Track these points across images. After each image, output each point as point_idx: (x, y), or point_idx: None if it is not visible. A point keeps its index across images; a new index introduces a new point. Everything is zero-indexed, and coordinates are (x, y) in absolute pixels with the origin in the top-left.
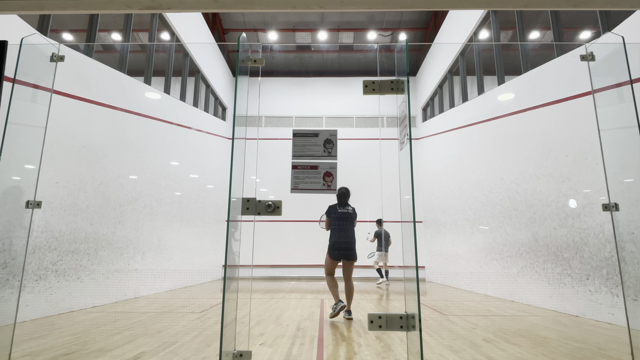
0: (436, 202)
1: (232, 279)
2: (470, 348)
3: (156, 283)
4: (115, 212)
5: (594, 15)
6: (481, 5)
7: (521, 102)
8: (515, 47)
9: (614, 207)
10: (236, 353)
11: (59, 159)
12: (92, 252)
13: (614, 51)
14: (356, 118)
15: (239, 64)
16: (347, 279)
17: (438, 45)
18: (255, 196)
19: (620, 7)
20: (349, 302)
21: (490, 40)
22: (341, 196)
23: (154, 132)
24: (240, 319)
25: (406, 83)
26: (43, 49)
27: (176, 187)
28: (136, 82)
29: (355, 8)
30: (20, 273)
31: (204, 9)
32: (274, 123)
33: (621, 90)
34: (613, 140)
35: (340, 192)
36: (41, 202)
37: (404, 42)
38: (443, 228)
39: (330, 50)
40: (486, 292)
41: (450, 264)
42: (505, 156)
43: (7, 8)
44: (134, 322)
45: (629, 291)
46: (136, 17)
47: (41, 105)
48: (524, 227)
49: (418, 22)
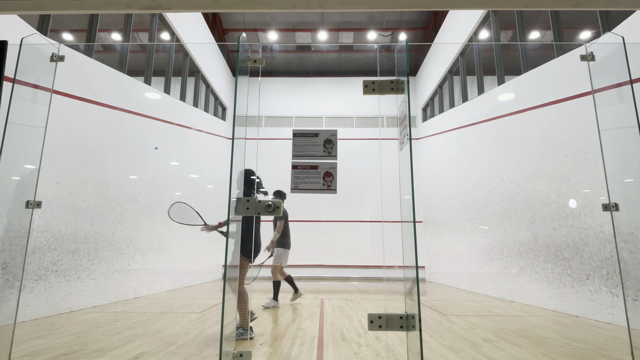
0: (436, 202)
1: (232, 279)
2: (470, 348)
3: (156, 283)
4: (115, 212)
5: (594, 15)
6: (481, 5)
7: (521, 102)
8: (515, 47)
9: (614, 207)
10: (236, 353)
11: (59, 159)
12: (92, 252)
13: (614, 51)
14: (356, 118)
15: (239, 64)
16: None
17: (438, 45)
18: (255, 196)
19: (620, 7)
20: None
21: (490, 40)
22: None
23: (154, 132)
24: None
25: (406, 83)
26: (43, 49)
27: (176, 187)
28: (136, 82)
29: (355, 8)
30: (20, 273)
31: (204, 9)
32: (274, 123)
33: (621, 90)
34: (613, 140)
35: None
36: (41, 202)
37: (404, 42)
38: (443, 228)
39: (330, 50)
40: (486, 292)
41: (450, 264)
42: (505, 156)
43: (7, 8)
44: (134, 322)
45: (629, 291)
46: (136, 17)
47: (41, 105)
48: (524, 227)
49: (418, 22)
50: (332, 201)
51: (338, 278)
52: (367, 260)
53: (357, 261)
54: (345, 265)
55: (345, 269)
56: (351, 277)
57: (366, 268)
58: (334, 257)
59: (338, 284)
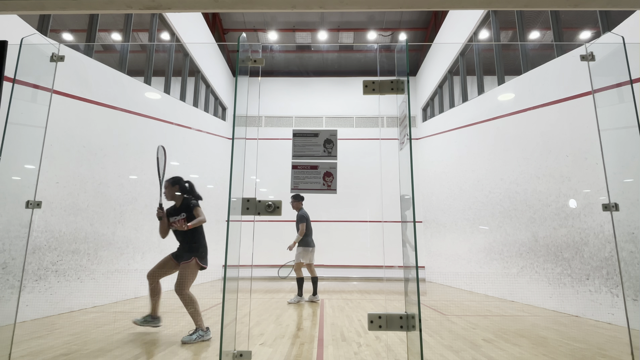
0: (436, 202)
1: (232, 279)
2: (470, 348)
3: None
4: (115, 212)
5: (594, 15)
6: (481, 5)
7: (521, 102)
8: (515, 47)
9: (614, 207)
10: (236, 353)
11: (59, 159)
12: (92, 252)
13: (614, 51)
14: (356, 118)
15: (239, 64)
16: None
17: (438, 45)
18: (255, 196)
19: (620, 7)
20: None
21: (490, 40)
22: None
23: (154, 132)
24: (240, 319)
25: (406, 83)
26: (43, 49)
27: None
28: (136, 82)
29: (355, 8)
30: (20, 273)
31: (204, 9)
32: (274, 123)
33: (621, 90)
34: (613, 140)
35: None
36: (41, 202)
37: (404, 42)
38: (443, 228)
39: (330, 50)
40: (486, 292)
41: (450, 264)
42: (505, 156)
43: (7, 8)
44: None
45: (629, 291)
46: (136, 17)
47: (41, 105)
48: (524, 227)
49: (418, 22)
50: (332, 201)
51: (338, 278)
52: (367, 260)
53: (357, 261)
54: (345, 265)
55: (345, 269)
56: (351, 277)
57: (366, 268)
58: (334, 257)
59: (338, 284)
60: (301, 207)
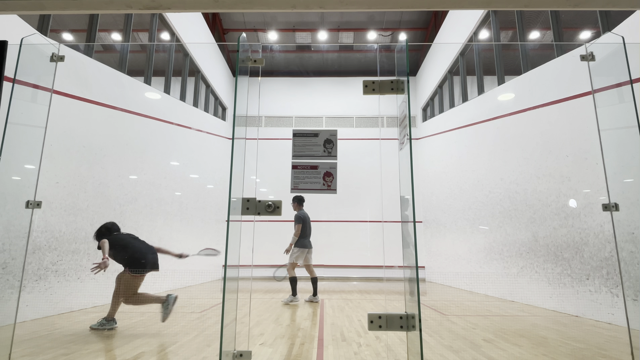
0: (436, 202)
1: (232, 279)
2: (470, 348)
3: (156, 283)
4: (115, 212)
5: (594, 15)
6: (481, 5)
7: (521, 102)
8: (515, 47)
9: (614, 207)
10: (236, 353)
11: (59, 159)
12: (92, 252)
13: (614, 51)
14: (356, 118)
15: (239, 64)
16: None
17: (438, 45)
18: (255, 196)
19: (620, 7)
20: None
21: (490, 40)
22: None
23: (154, 132)
24: (240, 319)
25: (406, 83)
26: (43, 49)
27: (176, 187)
28: (136, 82)
29: (355, 8)
30: (20, 273)
31: (204, 9)
32: (274, 123)
33: (621, 90)
34: (613, 140)
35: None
36: (41, 202)
37: (404, 42)
38: (443, 228)
39: (330, 50)
40: (486, 292)
41: (450, 264)
42: (505, 156)
43: (7, 8)
44: (134, 322)
45: (629, 291)
46: (136, 17)
47: (41, 105)
48: (524, 227)
49: (418, 22)
50: (332, 201)
51: (338, 278)
52: (367, 260)
53: (357, 261)
54: (345, 265)
55: (345, 269)
56: (351, 277)
57: (366, 268)
58: (334, 257)
59: (338, 284)
60: (301, 209)
